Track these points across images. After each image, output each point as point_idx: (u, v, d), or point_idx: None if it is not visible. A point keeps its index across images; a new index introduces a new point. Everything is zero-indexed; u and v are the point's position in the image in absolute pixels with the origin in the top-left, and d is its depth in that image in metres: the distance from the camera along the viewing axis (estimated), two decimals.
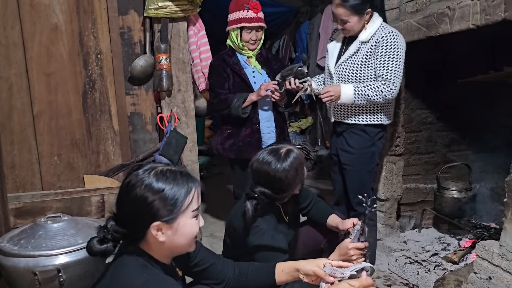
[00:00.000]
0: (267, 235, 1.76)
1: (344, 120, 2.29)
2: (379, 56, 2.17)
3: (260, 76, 2.60)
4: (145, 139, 2.68)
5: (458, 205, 2.64)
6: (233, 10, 2.54)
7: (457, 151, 3.14)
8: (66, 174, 2.58)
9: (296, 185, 1.83)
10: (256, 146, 2.51)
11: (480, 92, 2.78)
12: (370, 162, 2.27)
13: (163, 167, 1.18)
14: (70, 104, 2.52)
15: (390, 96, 2.17)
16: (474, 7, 1.94)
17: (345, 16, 2.19)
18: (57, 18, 2.43)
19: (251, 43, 2.53)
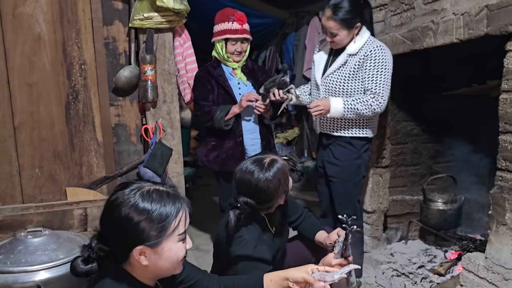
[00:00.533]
0: (249, 245, 1.74)
1: (330, 132, 2.29)
2: (367, 70, 2.18)
3: (245, 88, 2.59)
4: (130, 150, 2.64)
5: (444, 217, 2.65)
6: (218, 22, 2.53)
7: (442, 163, 3.17)
8: (48, 187, 2.52)
9: (279, 196, 1.81)
10: (239, 158, 2.50)
11: (465, 104, 2.82)
12: (356, 175, 2.27)
13: (151, 187, 1.14)
14: (53, 115, 2.47)
15: (379, 110, 2.18)
16: (457, 21, 1.97)
17: (335, 30, 2.20)
18: (40, 28, 2.39)
19: (236, 54, 2.53)
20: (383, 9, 2.53)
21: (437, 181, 2.98)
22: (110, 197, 1.14)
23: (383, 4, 2.51)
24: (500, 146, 1.83)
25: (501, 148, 1.82)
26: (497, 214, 1.82)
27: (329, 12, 2.20)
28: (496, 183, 1.86)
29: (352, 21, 2.19)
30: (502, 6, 1.72)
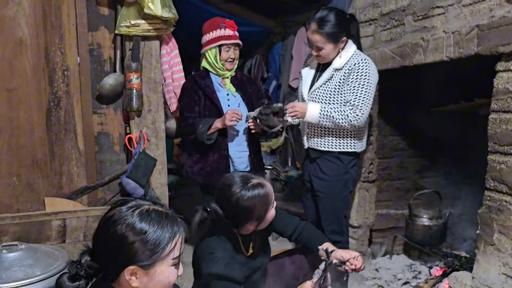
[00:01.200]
0: (220, 263, 1.68)
1: (318, 147, 2.26)
2: (350, 82, 2.16)
3: (234, 99, 2.56)
4: (112, 160, 2.57)
5: (429, 233, 2.65)
6: (209, 30, 2.50)
7: (427, 178, 3.19)
8: (25, 196, 2.42)
9: (250, 220, 1.71)
10: (224, 172, 2.46)
11: (451, 120, 2.84)
12: (343, 190, 2.25)
13: (150, 207, 1.11)
14: (33, 122, 2.38)
15: (356, 123, 2.14)
16: (447, 39, 1.97)
17: (321, 44, 2.19)
18: (22, 32, 2.31)
19: (229, 62, 2.50)
20: (373, 23, 2.54)
21: (422, 196, 2.99)
22: (107, 213, 1.10)
23: (373, 19, 2.52)
24: (488, 166, 1.83)
25: (490, 168, 1.82)
26: (485, 234, 1.82)
27: (315, 25, 2.19)
28: (484, 202, 1.86)
29: (338, 35, 2.17)
30: (493, 26, 1.72)
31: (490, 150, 1.83)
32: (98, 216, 2.49)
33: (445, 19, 2.00)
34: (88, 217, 2.48)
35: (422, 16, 2.15)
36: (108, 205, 2.58)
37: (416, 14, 2.18)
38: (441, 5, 2.02)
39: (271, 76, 5.42)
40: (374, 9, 2.50)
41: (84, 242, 2.52)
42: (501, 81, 1.73)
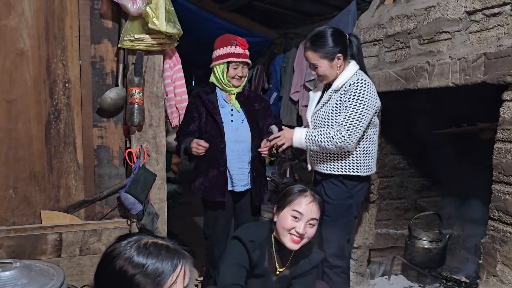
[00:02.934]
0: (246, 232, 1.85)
1: (321, 170, 2.24)
2: (344, 102, 2.12)
3: (238, 115, 2.55)
4: (111, 174, 2.53)
5: (429, 255, 2.63)
6: (220, 46, 2.51)
7: (426, 197, 3.18)
8: (21, 209, 2.38)
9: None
10: (222, 189, 2.47)
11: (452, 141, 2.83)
12: (346, 214, 2.22)
13: (149, 240, 1.08)
14: (32, 134, 2.35)
15: (343, 144, 2.07)
16: (453, 65, 1.96)
17: (314, 60, 2.17)
18: (23, 43, 2.28)
19: (236, 79, 2.50)
20: (377, 44, 2.53)
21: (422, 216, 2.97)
22: (107, 249, 1.08)
23: (378, 39, 2.51)
24: (493, 196, 1.82)
25: (494, 198, 1.81)
26: (488, 265, 1.80)
27: (308, 43, 2.19)
28: (488, 232, 1.83)
29: (331, 51, 2.13)
30: (501, 55, 1.71)
31: (495, 179, 1.81)
32: (94, 230, 2.46)
33: (452, 44, 1.99)
34: (84, 231, 2.45)
35: (428, 40, 2.14)
36: (105, 219, 2.55)
37: (422, 37, 2.17)
38: (447, 31, 2.01)
39: (272, 87, 5.42)
40: (379, 30, 2.49)
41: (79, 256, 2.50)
42: (508, 111, 1.72)
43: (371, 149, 2.25)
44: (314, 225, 1.84)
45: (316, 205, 1.84)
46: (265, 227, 1.92)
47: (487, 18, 1.81)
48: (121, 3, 2.23)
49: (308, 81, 4.47)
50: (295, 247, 1.82)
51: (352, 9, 3.73)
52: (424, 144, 2.94)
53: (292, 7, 5.12)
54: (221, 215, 2.60)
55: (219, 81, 2.52)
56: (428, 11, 2.12)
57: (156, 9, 2.22)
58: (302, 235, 1.80)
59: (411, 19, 2.23)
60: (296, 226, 1.79)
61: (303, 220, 1.80)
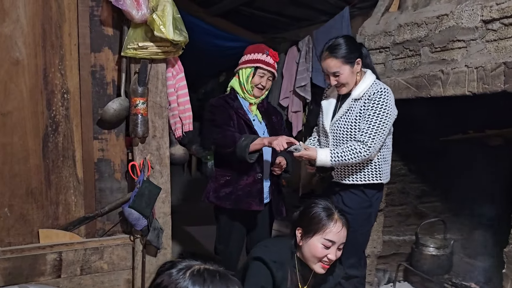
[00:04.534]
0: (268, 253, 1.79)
1: (342, 180, 2.20)
2: (366, 111, 2.12)
3: (259, 126, 2.48)
4: (113, 188, 2.41)
5: (437, 262, 2.63)
6: (251, 52, 2.45)
7: (427, 203, 3.19)
8: (18, 228, 2.24)
9: None
10: (257, 198, 2.35)
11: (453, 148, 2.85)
12: (366, 224, 2.19)
13: (200, 266, 1.01)
14: (28, 148, 2.21)
15: (368, 154, 2.08)
16: (470, 74, 1.96)
17: (336, 68, 2.13)
18: (19, 52, 2.14)
19: (259, 88, 2.42)
20: (383, 51, 2.51)
21: (423, 220, 2.99)
22: (154, 280, 0.99)
23: (384, 47, 2.49)
24: None
25: None
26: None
27: (326, 53, 2.16)
28: (510, 241, 1.84)
29: (351, 55, 2.13)
30: None
31: None
32: (96, 248, 2.34)
33: (467, 53, 1.99)
34: (85, 249, 2.32)
35: (440, 48, 2.14)
36: (107, 235, 2.43)
37: (434, 45, 2.16)
38: (462, 39, 2.01)
39: None
40: (385, 38, 2.48)
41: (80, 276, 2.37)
42: None
43: (388, 156, 2.24)
44: (341, 249, 1.81)
45: (346, 229, 1.82)
46: (285, 246, 1.85)
47: (505, 27, 1.82)
48: (125, 10, 2.12)
49: (298, 87, 4.45)
50: (324, 272, 1.80)
51: (345, 15, 3.72)
52: (425, 150, 2.96)
53: (277, 11, 5.09)
54: (237, 230, 2.51)
55: (241, 85, 2.44)
56: (440, 19, 2.11)
57: (163, 16, 2.12)
58: (333, 260, 1.78)
59: (422, 27, 2.23)
60: (328, 254, 1.76)
61: (334, 247, 1.77)
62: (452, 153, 2.88)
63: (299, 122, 4.70)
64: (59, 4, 2.20)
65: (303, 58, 4.41)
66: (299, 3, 4.56)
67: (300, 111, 4.67)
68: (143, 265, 2.40)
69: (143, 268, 2.39)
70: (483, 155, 2.59)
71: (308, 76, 4.37)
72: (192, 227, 4.52)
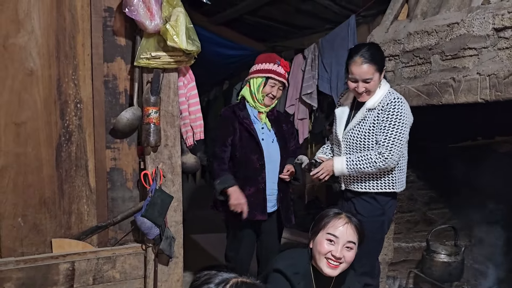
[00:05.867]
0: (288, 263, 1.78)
1: (354, 188, 2.21)
2: (381, 121, 2.14)
3: (268, 134, 2.51)
4: (125, 197, 2.42)
5: (448, 269, 2.63)
6: (262, 61, 2.49)
7: (435, 209, 3.19)
8: (31, 238, 2.24)
9: None
10: (261, 207, 2.38)
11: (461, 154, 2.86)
12: (379, 232, 2.19)
13: (237, 279, 1.01)
14: (41, 158, 2.22)
15: (384, 165, 2.10)
16: (483, 82, 1.97)
17: (370, 75, 2.12)
18: (33, 62, 2.16)
19: (269, 97, 2.45)
20: (393, 59, 2.53)
21: (432, 227, 2.99)
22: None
23: (394, 55, 2.51)
24: None
25: None
26: None
27: (360, 58, 2.13)
28: None
29: (382, 63, 2.17)
30: None
31: None
32: (109, 257, 2.34)
33: (478, 61, 2.01)
34: (98, 258, 2.31)
35: (451, 56, 2.16)
36: (119, 244, 2.43)
37: (445, 53, 2.18)
38: (473, 47, 2.03)
39: None
40: (395, 45, 2.50)
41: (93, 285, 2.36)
42: None
43: (404, 165, 2.25)
44: (352, 249, 1.79)
45: (352, 227, 1.80)
46: (304, 256, 1.86)
47: None
48: (138, 20, 2.14)
49: (305, 94, 4.47)
50: (332, 273, 1.77)
51: (352, 23, 3.75)
52: (432, 157, 2.97)
53: (283, 20, 5.13)
54: (247, 237, 2.52)
55: (252, 95, 2.47)
56: (451, 28, 2.14)
57: (176, 26, 2.14)
58: (339, 258, 1.75)
59: (432, 35, 2.25)
60: (333, 250, 1.75)
61: (340, 244, 1.75)
62: (460, 160, 2.89)
63: (305, 130, 4.71)
64: (72, 15, 2.22)
65: (309, 66, 4.43)
66: (303, 12, 4.60)
67: (306, 118, 4.68)
68: (155, 274, 2.39)
69: (155, 277, 2.39)
70: (492, 161, 2.60)
71: (314, 84, 4.39)
72: (198, 235, 4.53)
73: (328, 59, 4.17)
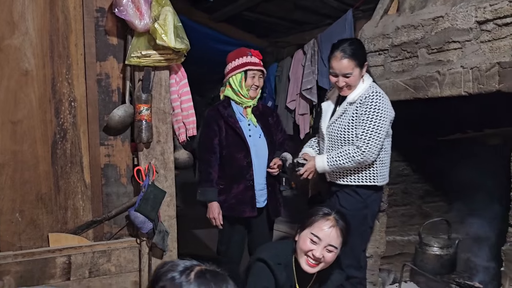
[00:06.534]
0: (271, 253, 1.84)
1: (336, 180, 2.25)
2: (360, 115, 2.16)
3: (255, 129, 2.54)
4: (119, 192, 2.48)
5: (440, 262, 2.64)
6: (235, 58, 2.52)
7: (431, 203, 3.20)
8: (28, 233, 2.31)
9: None
10: (249, 204, 2.43)
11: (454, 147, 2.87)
12: (361, 224, 2.22)
13: (201, 267, 1.04)
14: (38, 155, 2.29)
15: (362, 159, 2.12)
16: (466, 75, 1.99)
17: (349, 69, 2.17)
18: (28, 63, 2.23)
19: (253, 89, 2.48)
20: (382, 54, 2.55)
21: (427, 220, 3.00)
22: (155, 284, 1.02)
23: (383, 49, 2.53)
24: (511, 203, 1.84)
25: None
26: (510, 271, 1.82)
27: (340, 53, 2.18)
28: (508, 239, 1.85)
29: (363, 58, 2.19)
30: None
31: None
32: (104, 251, 2.40)
33: (462, 54, 2.02)
34: (94, 252, 2.38)
35: (436, 49, 2.17)
36: (114, 239, 2.50)
37: (431, 47, 2.20)
38: (457, 40, 2.04)
39: (267, 96, 5.41)
40: (384, 40, 2.51)
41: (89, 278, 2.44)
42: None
43: (386, 159, 2.27)
44: (333, 252, 1.82)
45: (337, 231, 1.82)
46: (287, 247, 1.90)
47: (499, 27, 1.85)
48: (128, 20, 2.20)
49: (305, 89, 4.49)
50: (310, 271, 1.81)
51: (349, 17, 3.76)
52: (427, 150, 2.97)
53: (282, 16, 5.14)
54: (237, 232, 2.57)
55: (236, 92, 2.50)
56: (436, 21, 2.15)
57: (164, 25, 2.19)
58: (319, 259, 1.79)
59: (418, 29, 2.26)
60: (314, 250, 1.78)
61: (321, 245, 1.79)
62: (454, 153, 2.89)
63: (306, 125, 4.74)
64: (65, 16, 2.28)
65: (309, 61, 4.45)
66: (302, 7, 4.61)
67: (307, 113, 4.71)
68: (150, 267, 2.45)
69: (150, 270, 2.45)
70: (484, 154, 2.61)
71: (314, 79, 4.41)
72: (200, 230, 4.59)
73: (327, 54, 4.17)
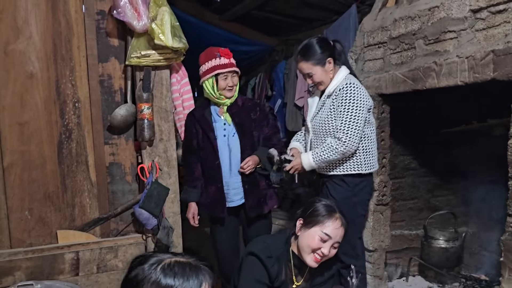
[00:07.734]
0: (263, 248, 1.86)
1: (324, 172, 2.28)
2: (337, 107, 2.20)
3: (229, 128, 2.56)
4: (124, 190, 2.55)
5: (446, 255, 2.62)
6: (204, 61, 2.52)
7: (439, 196, 3.16)
8: (37, 230, 2.40)
9: None
10: (221, 204, 2.52)
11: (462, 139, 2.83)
12: (352, 213, 2.22)
13: (171, 259, 1.08)
14: (45, 155, 2.37)
15: (345, 149, 2.16)
16: (461, 64, 1.96)
17: (308, 70, 2.25)
18: (32, 66, 2.31)
19: (227, 90, 2.50)
20: (382, 46, 2.54)
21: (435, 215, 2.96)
22: (129, 274, 1.06)
23: (382, 42, 2.52)
24: (509, 192, 1.81)
25: (511, 194, 1.80)
26: (509, 262, 1.79)
27: (298, 56, 2.31)
28: (507, 229, 1.83)
29: (321, 56, 2.25)
30: (509, 52, 1.72)
31: (510, 175, 1.81)
32: (111, 247, 2.47)
33: (458, 43, 2.00)
34: (101, 248, 2.45)
35: (433, 40, 2.15)
36: (120, 235, 2.56)
37: (427, 38, 2.18)
38: (453, 30, 2.02)
39: (276, 94, 5.43)
40: (383, 33, 2.50)
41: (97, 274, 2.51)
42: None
43: (371, 147, 2.29)
44: (337, 247, 1.86)
45: (343, 229, 1.87)
46: (280, 240, 1.92)
47: (493, 15, 1.82)
48: (126, 21, 2.25)
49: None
50: (315, 265, 1.85)
51: (353, 12, 3.74)
52: (434, 143, 2.94)
53: (290, 13, 5.15)
54: (223, 230, 2.63)
55: (210, 96, 2.53)
56: (432, 12, 2.13)
57: (161, 25, 2.24)
58: (326, 256, 1.82)
59: (415, 20, 2.24)
60: (323, 247, 1.81)
61: (330, 243, 1.82)
62: (461, 145, 2.85)
63: None
64: (67, 20, 2.35)
65: None
66: (309, 4, 4.61)
67: None
68: None
69: None
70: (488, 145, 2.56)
71: None
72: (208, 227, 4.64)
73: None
